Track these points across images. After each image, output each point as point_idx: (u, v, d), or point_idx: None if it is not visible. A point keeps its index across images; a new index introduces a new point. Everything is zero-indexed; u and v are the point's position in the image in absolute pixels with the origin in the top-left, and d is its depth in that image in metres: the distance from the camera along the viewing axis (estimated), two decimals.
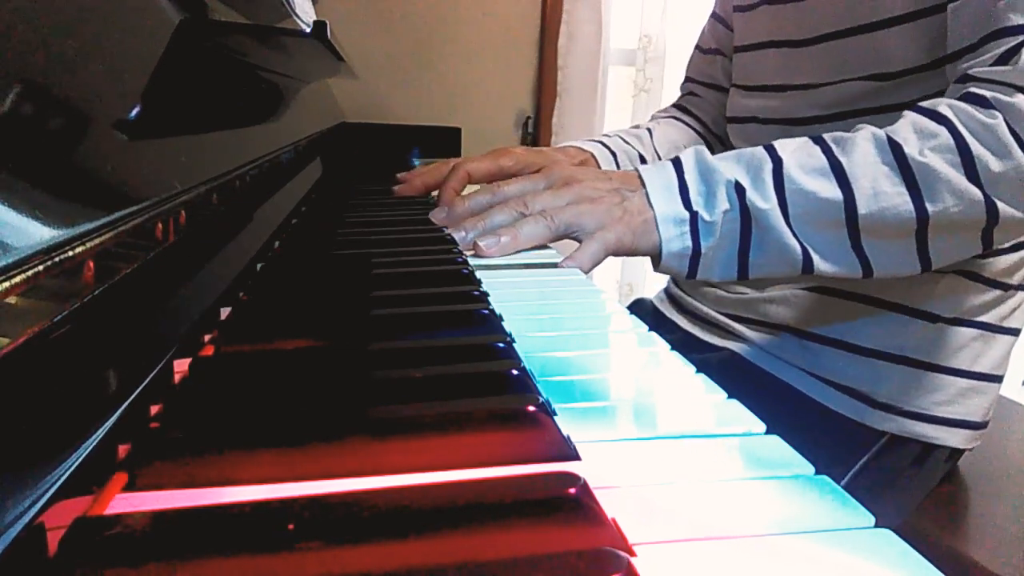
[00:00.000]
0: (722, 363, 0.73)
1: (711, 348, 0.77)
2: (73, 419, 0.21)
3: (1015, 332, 0.67)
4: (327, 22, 0.60)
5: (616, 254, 0.56)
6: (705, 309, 0.80)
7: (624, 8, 1.94)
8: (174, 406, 0.26)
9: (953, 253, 0.55)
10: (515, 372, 0.28)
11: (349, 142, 1.23)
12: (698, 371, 0.31)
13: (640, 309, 0.93)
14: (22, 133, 0.22)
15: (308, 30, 0.60)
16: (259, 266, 0.47)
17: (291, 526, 0.18)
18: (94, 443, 0.20)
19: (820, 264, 0.54)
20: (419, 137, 1.31)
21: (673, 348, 0.34)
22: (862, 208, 0.52)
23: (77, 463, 0.19)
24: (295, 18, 0.70)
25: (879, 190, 0.52)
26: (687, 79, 0.97)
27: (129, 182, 0.28)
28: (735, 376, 0.28)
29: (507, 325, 0.35)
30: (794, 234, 0.53)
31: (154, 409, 0.25)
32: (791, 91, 0.71)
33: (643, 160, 0.86)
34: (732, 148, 0.92)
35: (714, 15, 0.92)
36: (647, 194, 0.56)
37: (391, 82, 1.85)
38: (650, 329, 0.37)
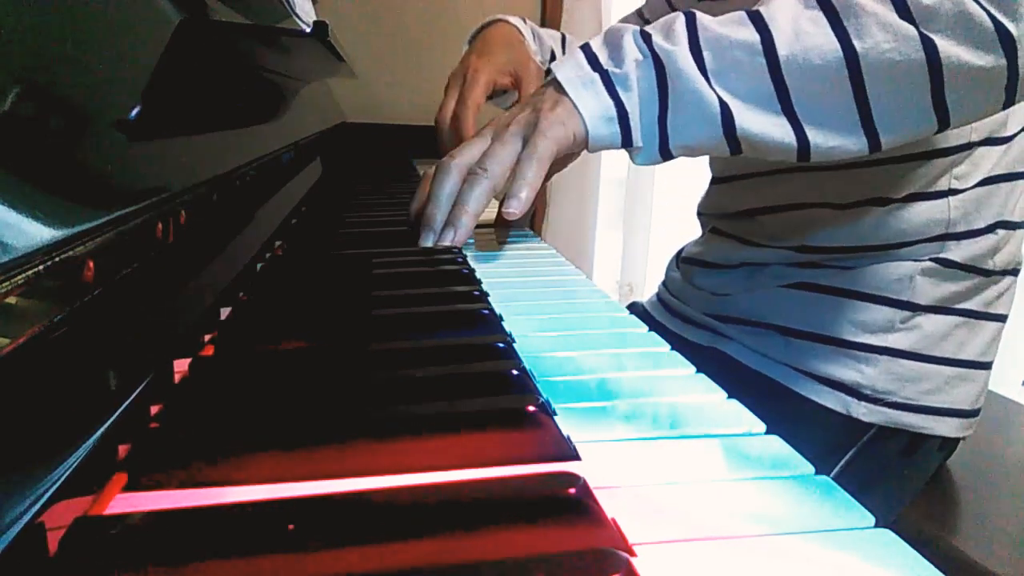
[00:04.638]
0: (710, 363, 0.73)
1: (700, 349, 0.77)
2: (73, 419, 0.21)
3: (1002, 318, 0.66)
4: (327, 22, 0.60)
5: (561, 153, 0.51)
6: (692, 312, 0.81)
7: (624, 8, 1.93)
8: (174, 406, 0.26)
9: (901, 110, 0.48)
10: (515, 372, 0.28)
11: (349, 142, 1.23)
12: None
13: (633, 313, 0.94)
14: (22, 133, 0.22)
15: (308, 30, 0.60)
16: (259, 266, 0.47)
17: (291, 526, 0.18)
18: (94, 443, 0.20)
19: (742, 119, 0.49)
20: (419, 137, 1.31)
21: None
22: (782, 49, 0.47)
23: (77, 463, 0.19)
24: (295, 18, 0.70)
25: (800, 29, 0.47)
26: (637, 11, 0.91)
27: (129, 182, 0.28)
28: (722, 375, 0.28)
29: (507, 325, 0.35)
30: (710, 85, 0.49)
31: (154, 409, 0.25)
32: None
33: (563, 41, 0.84)
34: None
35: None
36: (555, 78, 0.52)
37: (391, 82, 1.84)
38: None
